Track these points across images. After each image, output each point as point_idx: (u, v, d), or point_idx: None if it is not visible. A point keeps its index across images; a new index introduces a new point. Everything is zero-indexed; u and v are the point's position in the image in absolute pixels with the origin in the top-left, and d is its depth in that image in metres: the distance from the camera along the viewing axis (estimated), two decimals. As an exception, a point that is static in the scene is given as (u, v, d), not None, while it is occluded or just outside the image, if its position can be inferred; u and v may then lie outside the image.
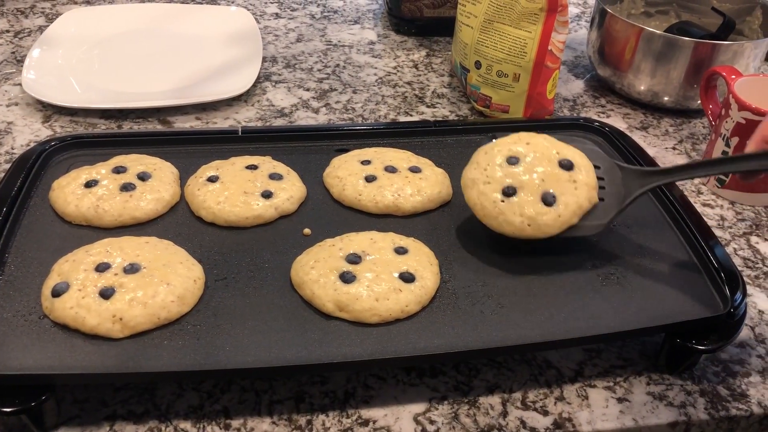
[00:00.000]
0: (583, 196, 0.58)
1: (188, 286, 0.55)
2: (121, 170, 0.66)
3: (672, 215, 0.66)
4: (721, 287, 0.58)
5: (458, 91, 0.95)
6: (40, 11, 1.10)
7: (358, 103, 0.91)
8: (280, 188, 0.65)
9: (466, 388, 0.56)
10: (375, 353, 0.52)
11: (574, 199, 0.57)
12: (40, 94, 0.85)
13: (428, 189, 0.66)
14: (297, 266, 0.58)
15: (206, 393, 0.55)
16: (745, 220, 0.76)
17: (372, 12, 1.16)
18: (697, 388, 0.57)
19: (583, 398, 0.56)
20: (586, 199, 0.58)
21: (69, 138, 0.71)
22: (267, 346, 0.52)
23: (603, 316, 0.56)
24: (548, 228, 0.56)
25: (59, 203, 0.62)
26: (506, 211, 0.57)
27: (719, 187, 0.79)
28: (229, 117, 0.87)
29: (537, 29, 0.81)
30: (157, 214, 0.63)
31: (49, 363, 0.50)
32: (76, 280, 0.54)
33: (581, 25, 1.16)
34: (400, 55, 1.03)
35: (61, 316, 0.52)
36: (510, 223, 0.57)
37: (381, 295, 0.55)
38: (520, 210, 0.57)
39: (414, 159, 0.70)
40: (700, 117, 0.93)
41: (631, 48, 0.89)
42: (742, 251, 0.72)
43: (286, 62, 1.00)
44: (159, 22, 1.05)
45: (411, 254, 0.59)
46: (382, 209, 0.65)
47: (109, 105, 0.86)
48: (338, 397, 0.55)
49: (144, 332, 0.52)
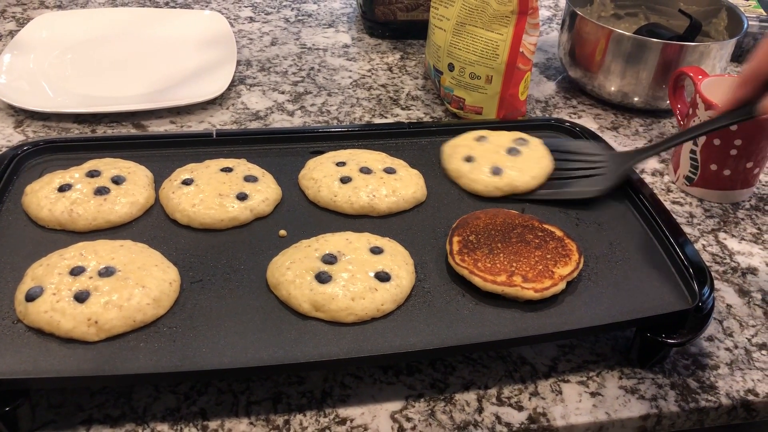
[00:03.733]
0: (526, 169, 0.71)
1: (164, 288, 0.55)
2: (95, 174, 0.65)
3: (642, 213, 0.68)
4: (689, 282, 0.59)
5: (432, 93, 0.96)
6: (11, 16, 1.09)
7: (333, 106, 0.92)
8: (255, 190, 0.65)
9: (442, 386, 0.57)
10: (351, 352, 0.52)
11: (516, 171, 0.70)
12: (11, 99, 0.84)
13: (403, 190, 0.67)
14: (273, 267, 0.58)
15: (183, 395, 0.55)
16: (713, 217, 0.77)
17: (346, 15, 1.16)
18: (668, 381, 0.59)
19: (557, 393, 0.57)
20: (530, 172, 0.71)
21: (42, 142, 0.71)
22: (243, 347, 0.52)
23: (575, 312, 0.57)
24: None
25: (32, 208, 0.62)
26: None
27: (688, 185, 0.80)
28: (203, 120, 0.87)
29: (508, 32, 0.82)
30: (132, 217, 0.63)
31: (23, 367, 0.49)
32: (51, 284, 0.54)
33: (552, 28, 1.18)
34: (374, 58, 1.04)
35: (36, 321, 0.52)
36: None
37: (357, 295, 0.55)
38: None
39: (389, 160, 0.71)
40: (669, 117, 0.95)
41: (601, 50, 0.91)
42: (710, 247, 0.73)
43: (261, 65, 1.00)
44: (132, 26, 1.05)
45: (386, 254, 0.59)
46: (358, 210, 0.66)
47: (82, 109, 0.85)
48: (315, 397, 0.55)
49: (120, 335, 0.52)
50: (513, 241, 0.60)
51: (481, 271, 0.57)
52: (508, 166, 0.70)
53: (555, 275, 0.57)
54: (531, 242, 0.60)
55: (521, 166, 0.71)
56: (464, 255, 0.59)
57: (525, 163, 0.71)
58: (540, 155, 0.72)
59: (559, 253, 0.59)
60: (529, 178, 0.70)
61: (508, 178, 0.69)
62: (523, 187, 0.69)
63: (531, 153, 0.72)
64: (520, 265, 0.58)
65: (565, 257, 0.59)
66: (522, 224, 0.62)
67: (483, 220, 0.63)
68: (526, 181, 0.69)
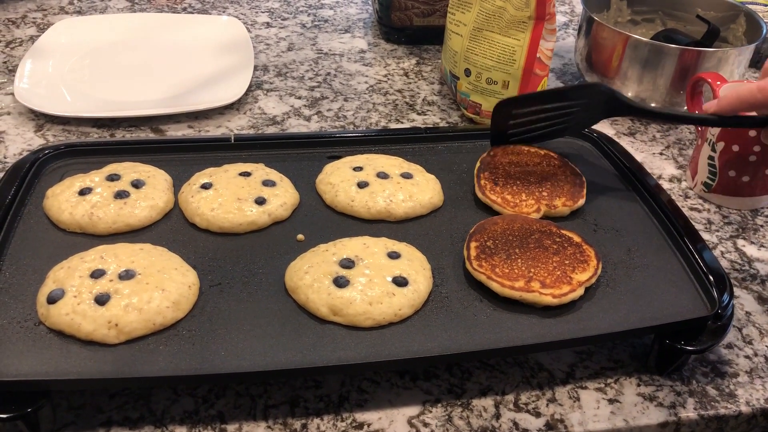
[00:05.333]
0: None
1: (183, 291, 0.55)
2: (114, 178, 0.66)
3: (660, 219, 0.67)
4: (709, 289, 0.59)
5: (448, 98, 0.96)
6: (32, 21, 1.10)
7: (350, 111, 0.92)
8: (273, 195, 0.66)
9: (459, 391, 0.57)
10: (369, 357, 0.53)
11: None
12: (32, 104, 0.85)
13: (420, 195, 0.67)
14: (291, 271, 0.58)
15: (201, 398, 0.55)
16: (731, 224, 0.77)
17: (362, 21, 1.17)
18: (687, 389, 0.58)
19: (574, 400, 0.57)
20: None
21: (62, 146, 0.71)
22: (262, 350, 0.52)
23: (593, 318, 0.57)
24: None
25: (53, 211, 0.63)
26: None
27: (706, 191, 0.80)
28: (221, 125, 0.88)
29: (525, 37, 0.82)
30: (151, 221, 0.64)
31: (45, 369, 0.50)
32: (72, 286, 0.54)
33: (569, 33, 1.17)
34: (390, 64, 1.04)
35: (57, 323, 0.52)
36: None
37: (374, 299, 0.55)
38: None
39: (405, 165, 0.71)
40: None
41: (618, 55, 0.90)
42: (729, 254, 0.73)
43: (278, 71, 1.01)
44: (151, 31, 1.06)
45: (404, 259, 0.59)
46: (374, 215, 0.66)
47: (101, 114, 0.86)
48: (333, 401, 0.55)
49: (139, 338, 0.53)
50: (531, 246, 0.60)
51: (498, 276, 0.57)
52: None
53: (573, 281, 0.57)
54: (549, 248, 0.60)
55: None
56: (482, 260, 0.59)
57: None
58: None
59: (578, 259, 0.59)
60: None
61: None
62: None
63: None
64: (538, 271, 0.58)
65: (583, 263, 0.59)
66: (540, 230, 0.62)
67: (500, 226, 0.62)
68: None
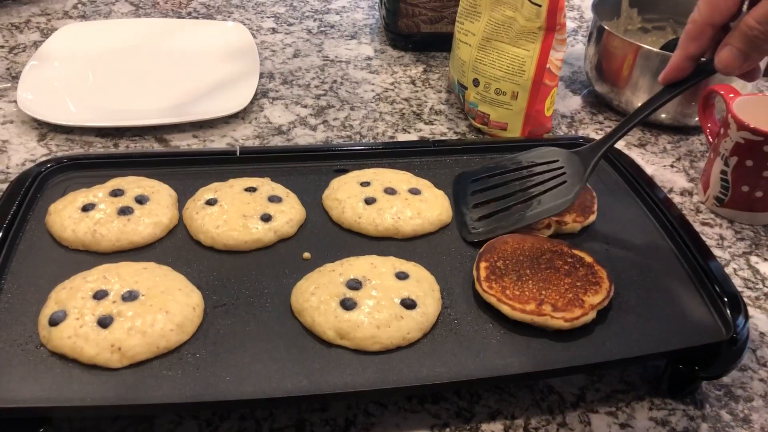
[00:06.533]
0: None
1: (187, 313, 0.54)
2: (118, 193, 0.65)
3: (671, 236, 0.66)
4: (722, 311, 0.58)
5: (456, 107, 0.95)
6: (35, 26, 1.09)
7: (356, 120, 0.91)
8: (279, 211, 0.65)
9: (468, 415, 0.56)
10: (377, 382, 0.51)
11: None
12: (35, 113, 0.84)
13: (428, 212, 0.66)
14: (297, 292, 0.57)
15: (205, 421, 0.54)
16: (744, 240, 0.76)
17: (369, 27, 1.15)
18: (700, 413, 0.57)
19: (585, 424, 0.56)
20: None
21: (65, 159, 0.70)
22: (267, 375, 0.51)
23: (605, 343, 0.55)
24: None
25: (56, 228, 0.62)
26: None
27: (718, 206, 0.78)
28: (226, 135, 0.87)
29: (535, 48, 0.81)
30: (155, 238, 0.63)
31: (46, 395, 0.49)
32: (74, 308, 0.53)
33: (578, 40, 1.16)
34: (397, 71, 1.03)
35: (59, 346, 0.51)
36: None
37: (382, 323, 0.54)
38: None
39: (414, 180, 0.70)
40: (698, 134, 0.93)
41: (629, 65, 0.89)
42: (741, 271, 0.72)
43: (283, 78, 0.99)
44: (155, 37, 1.05)
45: (412, 279, 0.58)
46: (382, 232, 0.65)
47: (105, 123, 0.85)
48: (339, 425, 0.54)
49: (143, 362, 0.52)
50: (542, 267, 0.59)
51: (509, 299, 0.56)
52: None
53: (585, 304, 0.56)
54: (560, 269, 0.59)
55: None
56: (492, 282, 0.58)
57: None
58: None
59: (590, 281, 0.58)
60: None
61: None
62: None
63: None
64: (549, 293, 0.57)
65: (595, 285, 0.58)
66: (551, 249, 0.61)
67: (511, 245, 0.61)
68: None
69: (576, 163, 0.66)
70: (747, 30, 0.49)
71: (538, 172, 0.68)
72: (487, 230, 0.65)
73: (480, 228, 0.66)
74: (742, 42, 0.50)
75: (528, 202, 0.66)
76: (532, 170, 0.68)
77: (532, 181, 0.67)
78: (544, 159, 0.69)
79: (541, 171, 0.68)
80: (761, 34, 0.48)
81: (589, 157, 0.65)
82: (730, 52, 0.51)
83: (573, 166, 0.66)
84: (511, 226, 0.65)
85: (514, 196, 0.67)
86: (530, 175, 0.68)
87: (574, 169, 0.66)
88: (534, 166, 0.69)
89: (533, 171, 0.68)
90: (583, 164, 0.65)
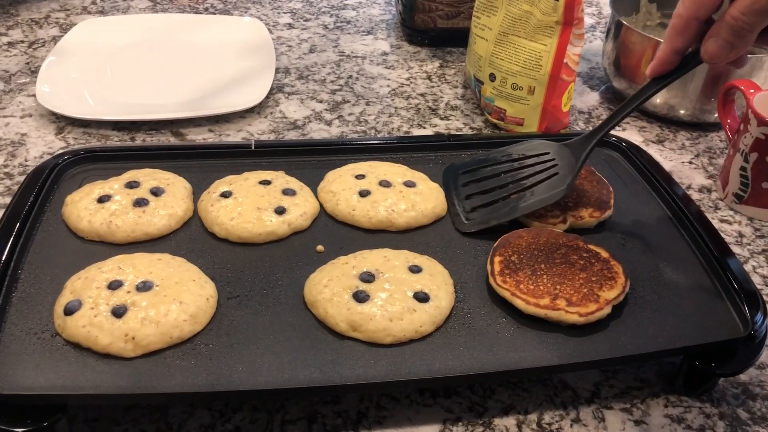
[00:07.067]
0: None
1: (201, 304, 0.55)
2: (134, 185, 0.65)
3: (690, 233, 0.65)
4: (740, 308, 0.57)
5: (472, 103, 0.95)
6: (54, 21, 1.10)
7: (371, 115, 0.91)
8: (293, 204, 0.65)
9: (480, 409, 0.55)
10: (389, 375, 0.51)
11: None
12: (53, 106, 0.85)
13: (422, 204, 0.66)
14: (310, 284, 0.57)
15: (218, 412, 0.54)
16: (764, 237, 0.75)
17: (385, 22, 1.15)
18: (717, 411, 0.56)
19: (599, 420, 0.55)
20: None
21: (82, 152, 0.71)
22: (280, 366, 0.51)
23: (620, 338, 0.55)
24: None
25: (72, 219, 0.62)
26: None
27: (737, 203, 0.77)
28: (242, 129, 0.87)
29: (553, 42, 0.80)
30: (170, 229, 0.63)
31: (61, 382, 0.49)
32: (89, 297, 0.54)
33: (596, 36, 1.15)
34: (413, 66, 1.03)
35: (74, 335, 0.52)
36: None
37: (395, 315, 0.54)
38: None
39: (409, 173, 0.70)
40: (717, 130, 0.92)
41: (647, 61, 0.88)
42: (761, 269, 0.71)
43: (299, 73, 0.99)
44: (172, 32, 1.05)
45: (425, 273, 0.58)
46: (376, 224, 0.65)
47: (122, 117, 0.86)
48: (351, 418, 0.54)
49: (156, 351, 0.52)
50: (557, 262, 0.59)
51: (523, 293, 0.56)
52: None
53: (600, 299, 0.56)
54: (575, 263, 0.58)
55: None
56: (506, 276, 0.57)
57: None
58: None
59: (605, 276, 0.58)
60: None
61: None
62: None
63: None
64: (564, 288, 0.56)
65: (610, 280, 0.57)
66: (566, 244, 0.61)
67: (525, 240, 0.61)
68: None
69: (567, 155, 0.66)
70: (732, 21, 0.50)
71: (529, 164, 0.68)
72: (480, 221, 0.65)
73: (473, 218, 0.66)
74: (727, 33, 0.51)
75: (521, 194, 0.66)
76: (523, 162, 0.69)
77: (523, 173, 0.68)
78: (534, 151, 0.69)
79: (533, 163, 0.68)
80: (746, 25, 0.50)
81: (580, 149, 0.65)
82: (716, 43, 0.52)
83: (564, 158, 0.66)
84: (505, 216, 0.65)
85: (506, 187, 0.67)
86: (521, 167, 0.68)
87: (565, 161, 0.66)
88: (525, 158, 0.69)
89: (524, 163, 0.68)
90: (574, 156, 0.65)
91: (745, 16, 0.49)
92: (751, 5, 0.49)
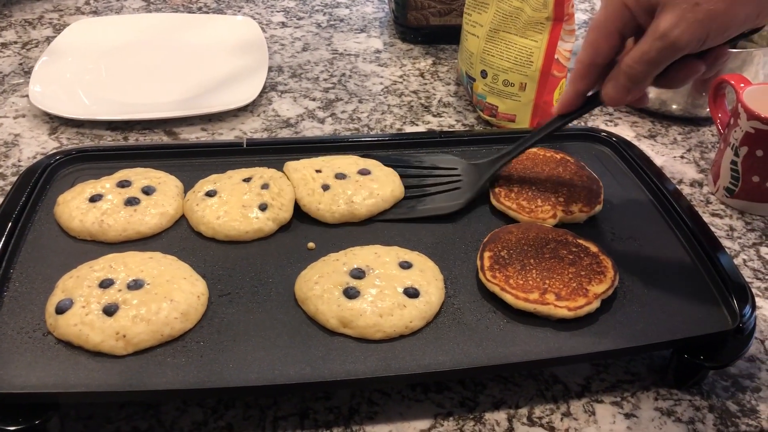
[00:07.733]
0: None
1: (192, 302, 0.55)
2: (125, 184, 0.66)
3: (679, 227, 0.66)
4: (729, 301, 0.57)
5: (464, 99, 0.95)
6: (48, 22, 1.10)
7: (364, 113, 0.91)
8: (270, 197, 0.65)
9: (471, 404, 0.56)
10: (379, 370, 0.52)
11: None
12: (46, 107, 0.85)
13: (380, 190, 0.67)
14: (301, 281, 0.58)
15: (210, 409, 0.54)
16: (755, 230, 0.75)
17: (378, 20, 1.15)
18: (706, 404, 0.57)
19: (590, 414, 0.55)
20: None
21: (74, 151, 0.71)
22: (271, 363, 0.52)
23: (610, 332, 0.55)
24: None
25: (64, 218, 0.62)
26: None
27: (728, 197, 0.78)
28: (235, 128, 0.87)
29: (543, 38, 0.80)
30: (162, 228, 0.63)
31: (52, 381, 0.50)
32: (80, 296, 0.54)
33: (589, 32, 1.15)
34: (406, 64, 1.03)
35: (65, 333, 0.52)
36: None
37: (385, 311, 0.54)
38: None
39: (361, 162, 0.71)
40: (709, 125, 0.92)
41: (639, 56, 0.88)
42: (751, 262, 0.71)
43: (292, 71, 1.00)
44: (165, 32, 1.06)
45: (415, 269, 0.58)
46: (339, 218, 0.65)
47: (115, 117, 0.86)
48: (343, 413, 0.55)
49: (147, 349, 0.52)
50: (546, 256, 0.59)
51: (512, 288, 0.56)
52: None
53: (589, 293, 0.56)
54: (565, 258, 0.59)
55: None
56: (495, 271, 0.58)
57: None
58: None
59: (594, 270, 0.58)
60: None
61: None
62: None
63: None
64: (553, 283, 0.56)
65: (599, 274, 0.58)
66: (556, 239, 0.61)
67: (515, 235, 0.61)
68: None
69: (473, 173, 0.70)
70: (626, 69, 0.52)
71: (436, 175, 0.71)
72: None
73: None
74: (623, 78, 0.53)
75: (421, 198, 0.69)
76: (432, 172, 0.72)
77: (428, 180, 0.71)
78: (444, 165, 0.72)
79: (440, 174, 0.71)
80: (639, 73, 0.52)
81: (485, 171, 0.69)
82: (614, 87, 0.54)
83: (469, 175, 0.70)
84: (402, 215, 0.67)
85: (410, 189, 0.70)
86: (429, 175, 0.71)
87: (469, 178, 0.69)
88: (434, 168, 0.72)
89: (433, 173, 0.72)
90: (479, 175, 0.69)
91: (638, 65, 0.51)
92: (642, 56, 0.50)
